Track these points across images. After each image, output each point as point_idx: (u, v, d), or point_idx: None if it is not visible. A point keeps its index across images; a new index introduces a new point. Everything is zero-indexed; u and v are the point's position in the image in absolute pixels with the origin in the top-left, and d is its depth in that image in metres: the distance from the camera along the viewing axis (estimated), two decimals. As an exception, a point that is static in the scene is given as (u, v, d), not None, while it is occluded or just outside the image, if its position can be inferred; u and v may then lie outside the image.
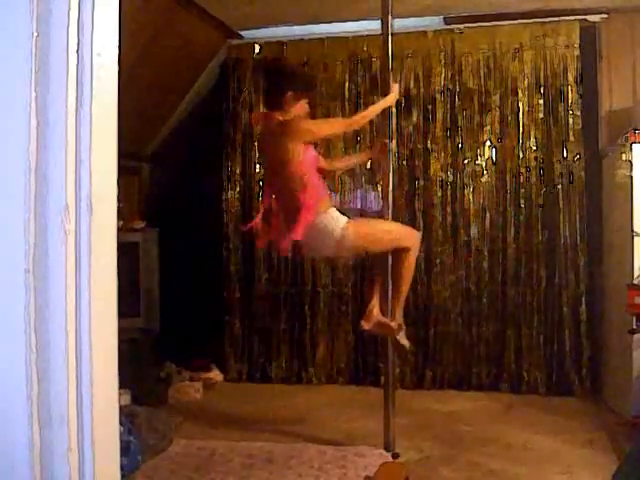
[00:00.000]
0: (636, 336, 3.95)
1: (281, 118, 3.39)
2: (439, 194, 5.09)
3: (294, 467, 3.39)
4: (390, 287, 3.62)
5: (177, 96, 5.48)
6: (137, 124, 4.84)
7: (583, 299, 4.85)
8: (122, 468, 1.17)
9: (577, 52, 4.87)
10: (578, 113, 4.88)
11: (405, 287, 3.63)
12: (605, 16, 4.81)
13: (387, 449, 3.59)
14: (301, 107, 3.45)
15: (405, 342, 3.65)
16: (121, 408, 1.21)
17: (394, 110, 3.88)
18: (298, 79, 3.54)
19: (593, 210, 4.86)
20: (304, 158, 3.37)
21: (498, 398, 4.75)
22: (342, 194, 5.28)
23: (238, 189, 5.46)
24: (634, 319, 3.85)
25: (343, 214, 3.46)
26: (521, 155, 4.97)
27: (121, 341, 1.14)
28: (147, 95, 4.85)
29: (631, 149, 4.11)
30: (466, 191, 5.04)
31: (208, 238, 5.51)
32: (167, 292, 5.01)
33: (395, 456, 3.54)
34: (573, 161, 4.88)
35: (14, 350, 1.01)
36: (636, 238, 4.06)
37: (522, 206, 4.96)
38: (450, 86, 5.08)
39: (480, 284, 5.01)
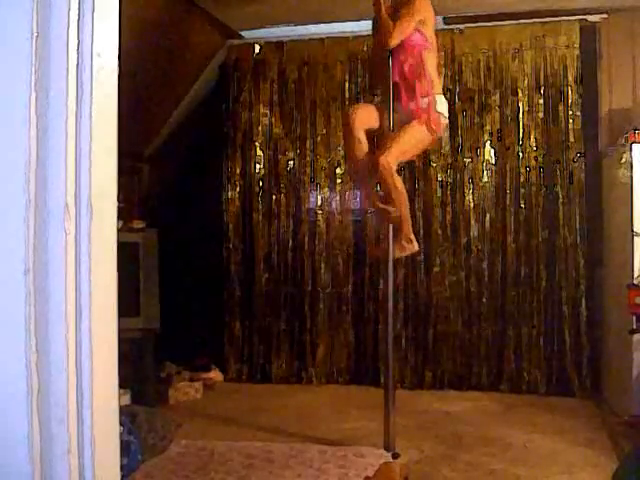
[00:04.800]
0: (636, 336, 3.95)
1: None
2: (439, 194, 5.09)
3: (294, 467, 3.39)
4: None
5: (177, 96, 5.48)
6: (137, 124, 4.83)
7: (583, 299, 4.85)
8: (122, 468, 1.17)
9: (577, 52, 4.88)
10: (578, 113, 4.88)
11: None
12: (605, 16, 4.81)
13: (387, 449, 3.59)
14: None
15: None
16: (121, 408, 1.21)
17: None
18: None
19: (593, 210, 4.86)
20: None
21: (498, 398, 4.75)
22: (341, 194, 5.29)
23: (238, 189, 5.46)
24: (634, 319, 3.85)
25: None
26: (521, 155, 4.97)
27: (121, 341, 1.14)
28: (147, 95, 4.85)
29: (631, 149, 4.11)
30: (466, 191, 5.05)
31: (208, 238, 5.51)
32: (167, 292, 5.01)
33: (395, 456, 3.53)
34: (573, 161, 4.88)
35: (14, 350, 1.01)
36: (636, 238, 4.06)
37: (522, 206, 4.96)
38: (450, 86, 5.08)
39: (480, 284, 5.01)
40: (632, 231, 4.08)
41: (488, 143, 5.03)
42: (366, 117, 3.69)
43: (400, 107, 3.60)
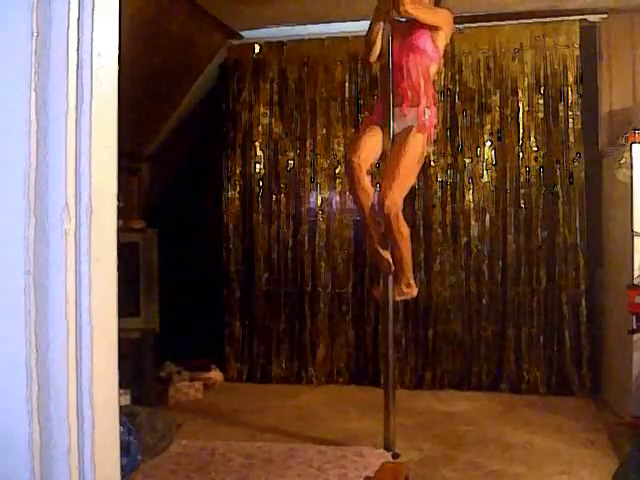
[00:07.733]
0: (636, 336, 3.95)
1: None
2: (439, 194, 5.09)
3: (294, 467, 3.39)
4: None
5: (177, 96, 5.48)
6: (137, 124, 4.84)
7: (583, 299, 4.85)
8: (122, 468, 1.17)
9: (577, 52, 4.88)
10: (578, 113, 4.88)
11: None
12: (605, 16, 4.81)
13: (387, 449, 3.58)
14: None
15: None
16: (121, 408, 1.21)
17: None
18: None
19: (593, 210, 4.86)
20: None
21: (498, 398, 4.75)
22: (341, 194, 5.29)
23: (238, 189, 5.46)
24: (634, 319, 3.86)
25: None
26: (521, 155, 4.97)
27: (121, 341, 1.14)
28: (147, 95, 4.85)
29: (631, 149, 4.11)
30: (466, 191, 5.04)
31: (208, 238, 5.51)
32: (167, 292, 5.01)
33: (395, 456, 3.53)
34: (573, 161, 4.88)
35: (14, 350, 1.01)
36: (636, 238, 4.06)
37: (522, 206, 4.96)
38: (450, 86, 5.08)
39: (480, 284, 5.01)
40: (632, 231, 4.08)
41: (488, 143, 5.03)
42: (369, 153, 3.56)
43: (399, 113, 3.55)
